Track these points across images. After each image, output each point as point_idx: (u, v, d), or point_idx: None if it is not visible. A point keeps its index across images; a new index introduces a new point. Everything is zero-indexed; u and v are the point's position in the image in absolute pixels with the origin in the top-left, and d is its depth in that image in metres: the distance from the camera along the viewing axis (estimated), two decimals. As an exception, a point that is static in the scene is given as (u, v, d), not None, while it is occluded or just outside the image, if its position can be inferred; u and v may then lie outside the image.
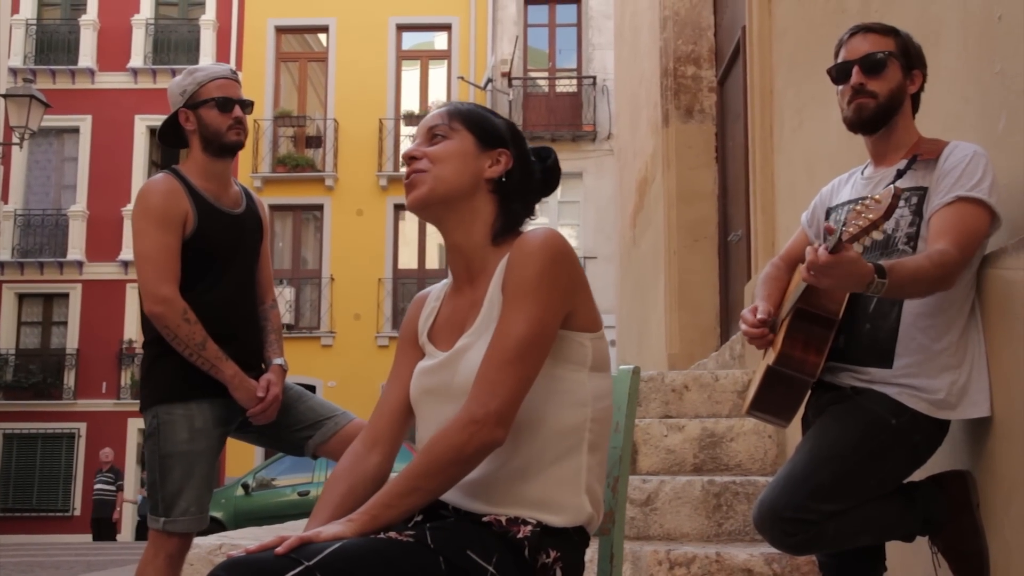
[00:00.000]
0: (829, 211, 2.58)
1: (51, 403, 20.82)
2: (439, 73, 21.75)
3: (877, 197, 2.01)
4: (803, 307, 2.35)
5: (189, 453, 2.91)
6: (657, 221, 7.59)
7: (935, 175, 2.32)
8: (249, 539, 4.33)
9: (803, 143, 4.21)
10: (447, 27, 21.61)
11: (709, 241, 6.89)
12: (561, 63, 21.58)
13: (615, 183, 11.48)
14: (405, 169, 1.83)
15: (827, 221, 2.55)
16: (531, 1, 21.47)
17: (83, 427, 20.70)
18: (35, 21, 22.06)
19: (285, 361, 3.12)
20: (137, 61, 21.66)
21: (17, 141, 14.52)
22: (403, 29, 21.73)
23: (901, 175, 2.31)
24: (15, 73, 20.45)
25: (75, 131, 21.64)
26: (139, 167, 21.44)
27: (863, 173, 2.53)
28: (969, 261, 2.25)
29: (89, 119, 21.54)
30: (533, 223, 1.88)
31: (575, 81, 21.06)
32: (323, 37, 21.94)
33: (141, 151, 21.53)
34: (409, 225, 21.37)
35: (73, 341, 21.04)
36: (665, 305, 7.13)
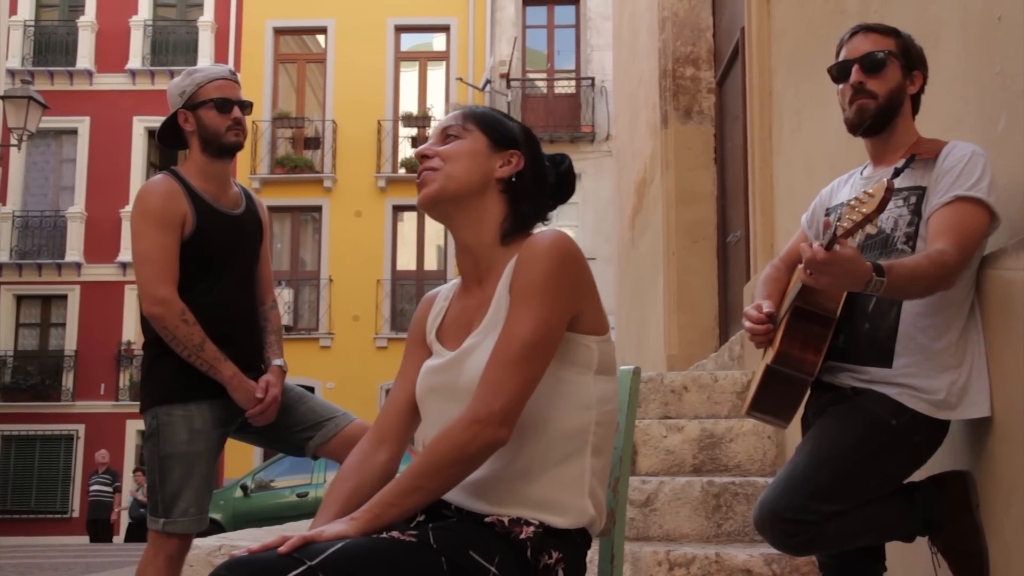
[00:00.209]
0: (828, 212, 2.58)
1: (49, 405, 20.81)
2: (438, 74, 21.76)
3: (870, 191, 2.01)
4: (801, 306, 2.34)
5: (188, 454, 2.91)
6: (656, 222, 7.59)
7: (934, 175, 2.31)
8: (248, 540, 4.33)
9: (802, 144, 4.21)
10: (445, 28, 21.62)
11: (708, 242, 6.90)
12: (559, 64, 21.58)
13: (614, 184, 11.48)
14: (417, 168, 1.85)
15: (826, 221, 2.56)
16: (529, 2, 21.48)
17: (81, 429, 20.69)
18: (33, 22, 22.06)
19: (285, 362, 3.12)
20: (135, 62, 21.66)
21: (15, 142, 14.51)
22: (401, 30, 21.73)
23: (899, 174, 2.31)
24: (13, 74, 20.43)
25: (73, 132, 21.63)
26: (137, 168, 21.43)
27: (862, 174, 2.54)
28: (968, 261, 2.24)
29: (87, 120, 21.53)
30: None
31: (573, 82, 21.06)
32: (321, 38, 21.95)
33: (139, 152, 21.52)
34: (408, 226, 21.37)
35: (71, 343, 21.03)
36: (664, 306, 7.13)
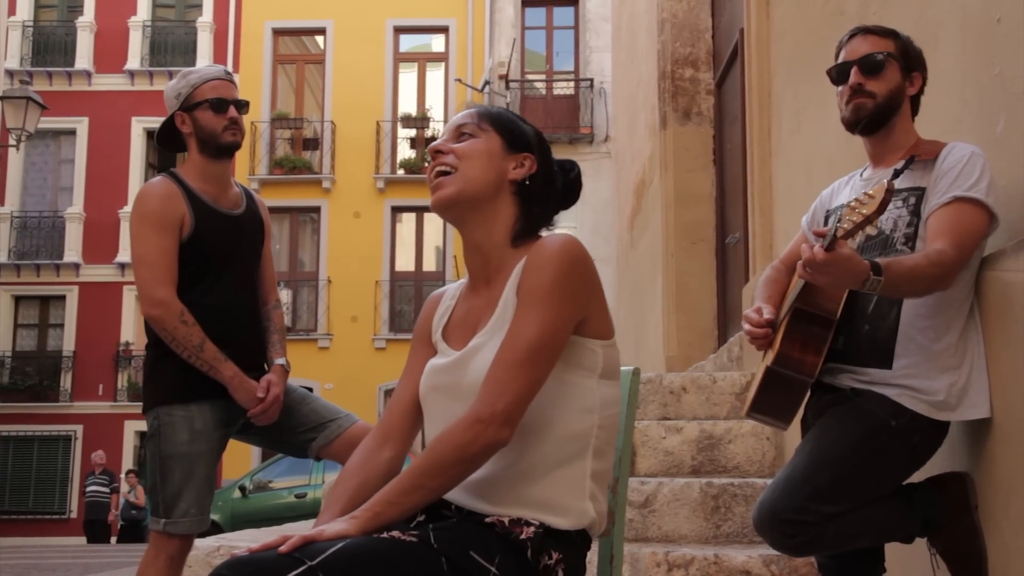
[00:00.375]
0: (828, 213, 2.59)
1: (47, 405, 20.80)
2: (436, 75, 21.76)
3: (871, 192, 2.02)
4: (801, 307, 2.35)
5: (189, 455, 2.91)
6: (655, 223, 7.60)
7: (933, 175, 2.32)
8: (247, 541, 4.33)
9: (801, 145, 4.21)
10: (444, 29, 21.63)
11: (707, 243, 6.90)
12: (558, 65, 21.57)
13: (612, 186, 11.48)
14: (428, 164, 1.85)
15: (826, 222, 2.56)
16: (528, 3, 21.48)
17: (79, 429, 20.67)
18: (32, 23, 22.04)
19: (287, 361, 3.12)
20: (134, 63, 21.65)
21: (14, 143, 14.50)
22: (400, 31, 21.74)
23: (898, 175, 2.31)
24: (11, 75, 20.43)
25: (72, 133, 21.62)
26: (136, 169, 21.42)
27: (862, 175, 2.54)
28: (967, 261, 2.25)
29: (86, 121, 21.52)
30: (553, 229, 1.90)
31: (572, 83, 21.06)
32: (320, 39, 21.95)
33: (138, 153, 21.52)
34: (406, 227, 21.37)
35: (70, 343, 21.02)
36: (663, 307, 7.13)
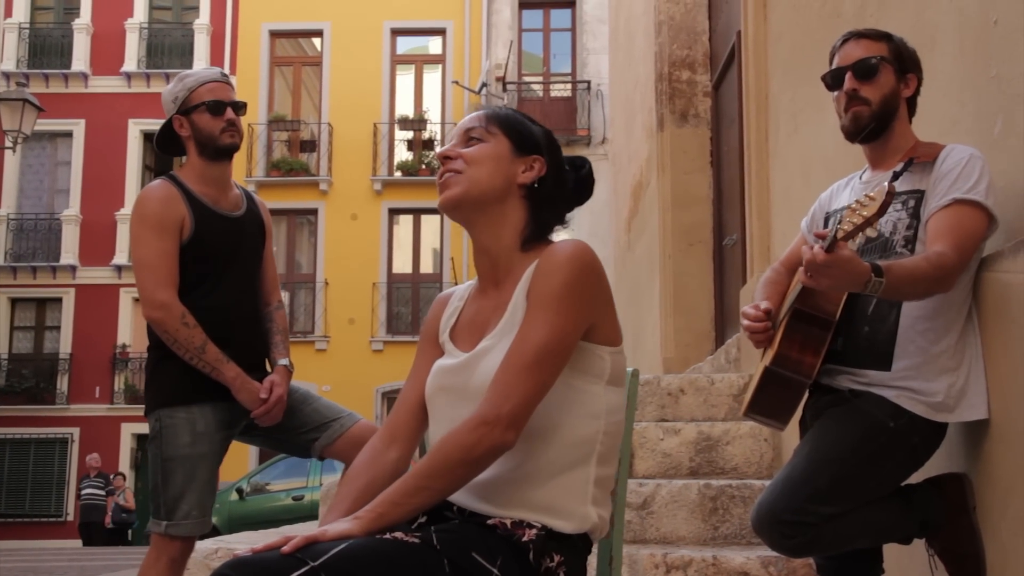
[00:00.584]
0: (828, 216, 2.59)
1: (44, 408, 20.77)
2: (434, 77, 21.76)
3: (871, 195, 2.02)
4: (800, 308, 2.35)
5: (191, 457, 2.91)
6: (652, 225, 7.60)
7: (932, 178, 2.32)
8: (245, 543, 4.32)
9: (799, 147, 4.22)
10: (441, 31, 21.63)
11: (704, 245, 6.91)
12: (555, 68, 21.59)
13: (610, 188, 11.48)
14: (439, 169, 1.84)
15: (826, 225, 2.57)
16: (525, 6, 21.50)
17: (76, 432, 20.65)
18: (28, 25, 22.03)
19: (290, 362, 3.12)
20: (131, 65, 21.64)
21: (10, 145, 14.49)
22: (397, 33, 21.74)
23: (897, 177, 2.32)
24: (8, 77, 20.43)
25: (68, 135, 21.61)
26: (132, 171, 21.41)
27: (861, 178, 2.54)
28: (966, 263, 2.25)
29: (82, 123, 21.50)
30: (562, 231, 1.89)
31: (569, 86, 21.07)
32: (317, 41, 21.95)
33: (135, 155, 21.50)
34: (403, 229, 21.37)
35: (66, 346, 20.99)
36: (660, 309, 7.14)
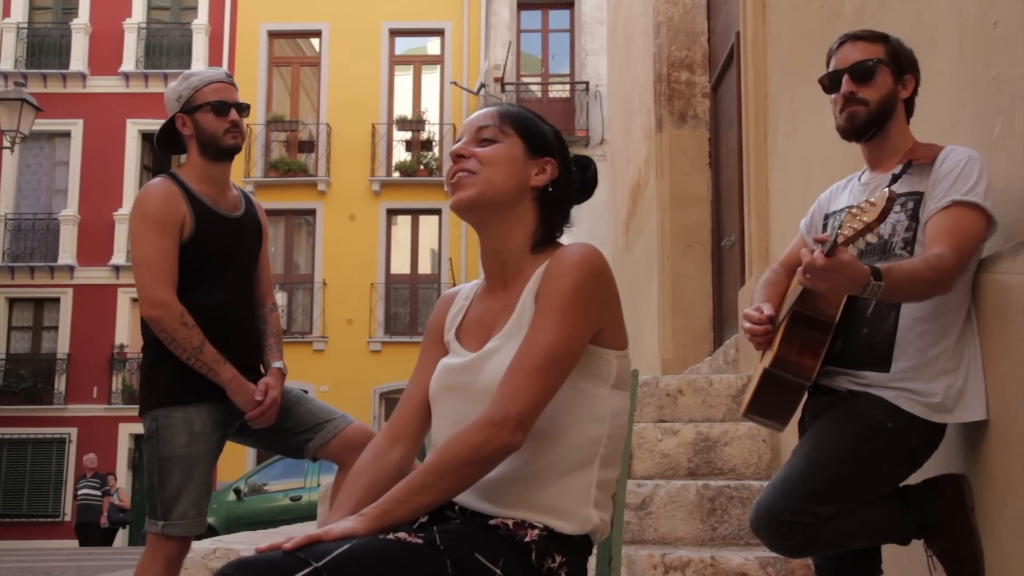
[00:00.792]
0: (827, 217, 2.60)
1: (42, 408, 20.74)
2: (432, 78, 21.76)
3: (872, 200, 2.02)
4: (800, 311, 2.35)
5: (188, 456, 2.91)
6: (650, 226, 7.61)
7: (931, 179, 2.33)
8: (244, 543, 4.33)
9: (797, 148, 4.22)
10: (440, 32, 21.63)
11: (702, 246, 6.91)
12: (554, 68, 21.60)
13: (608, 188, 11.48)
14: (451, 167, 1.83)
15: (825, 226, 2.57)
16: (524, 6, 21.50)
17: (74, 432, 20.62)
18: (26, 24, 22.00)
19: (284, 365, 3.12)
20: (129, 65, 21.62)
21: (8, 145, 14.47)
22: (396, 34, 21.74)
23: (897, 179, 2.32)
24: (6, 77, 20.40)
25: (66, 135, 21.58)
26: (131, 171, 21.39)
27: (860, 179, 2.55)
28: (965, 265, 2.26)
29: (80, 123, 21.48)
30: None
31: (568, 86, 21.08)
32: (316, 42, 21.94)
33: (133, 155, 21.48)
34: (402, 230, 21.36)
35: (64, 346, 20.96)
36: (658, 310, 7.14)
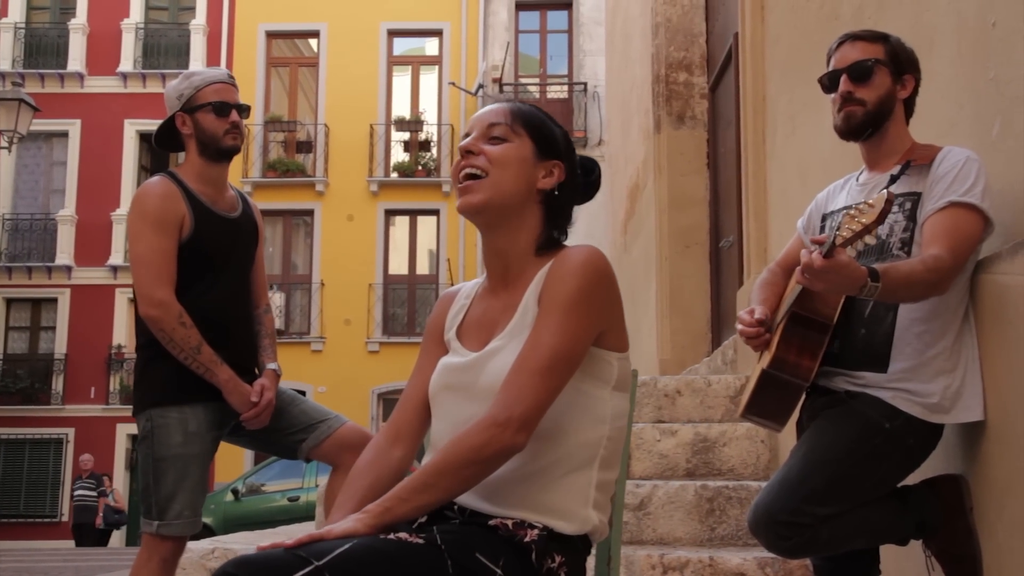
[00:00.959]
0: (824, 217, 2.60)
1: (39, 408, 20.71)
2: (430, 79, 21.76)
3: (871, 202, 2.03)
4: (798, 311, 2.36)
5: (183, 456, 2.90)
6: (649, 227, 7.61)
7: (928, 180, 2.33)
8: (242, 543, 4.32)
9: (796, 149, 4.23)
10: (438, 33, 21.63)
11: (700, 247, 6.91)
12: (552, 69, 21.59)
13: (606, 189, 11.49)
14: (458, 162, 1.81)
15: (823, 226, 2.57)
16: (522, 7, 21.50)
17: (71, 432, 20.59)
18: (24, 24, 21.98)
19: (279, 366, 3.12)
20: (127, 65, 21.59)
21: (6, 145, 14.45)
22: (394, 35, 21.73)
23: (895, 180, 2.33)
24: (3, 77, 20.38)
25: (64, 135, 21.55)
26: (128, 172, 21.37)
27: (858, 179, 2.55)
28: (963, 266, 2.26)
29: (78, 123, 21.45)
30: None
31: (566, 87, 21.07)
32: (314, 42, 21.93)
33: (131, 156, 21.46)
34: (400, 231, 21.36)
35: (61, 346, 20.94)
36: (657, 311, 7.14)
